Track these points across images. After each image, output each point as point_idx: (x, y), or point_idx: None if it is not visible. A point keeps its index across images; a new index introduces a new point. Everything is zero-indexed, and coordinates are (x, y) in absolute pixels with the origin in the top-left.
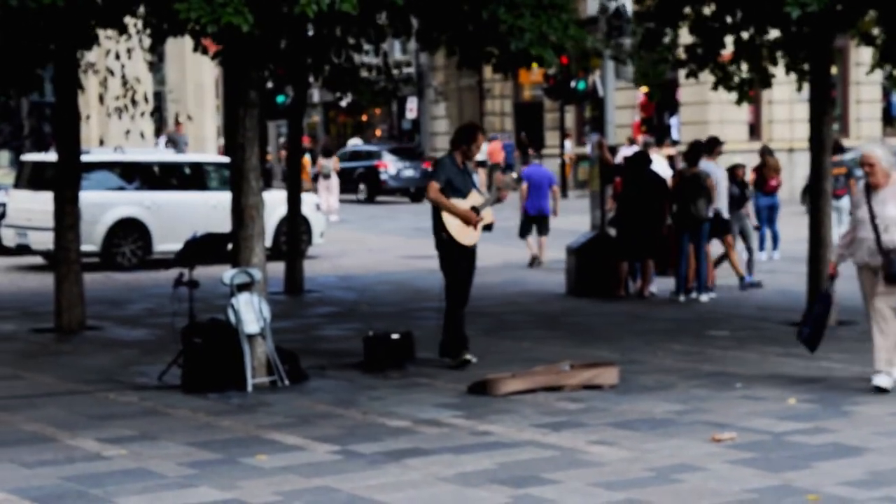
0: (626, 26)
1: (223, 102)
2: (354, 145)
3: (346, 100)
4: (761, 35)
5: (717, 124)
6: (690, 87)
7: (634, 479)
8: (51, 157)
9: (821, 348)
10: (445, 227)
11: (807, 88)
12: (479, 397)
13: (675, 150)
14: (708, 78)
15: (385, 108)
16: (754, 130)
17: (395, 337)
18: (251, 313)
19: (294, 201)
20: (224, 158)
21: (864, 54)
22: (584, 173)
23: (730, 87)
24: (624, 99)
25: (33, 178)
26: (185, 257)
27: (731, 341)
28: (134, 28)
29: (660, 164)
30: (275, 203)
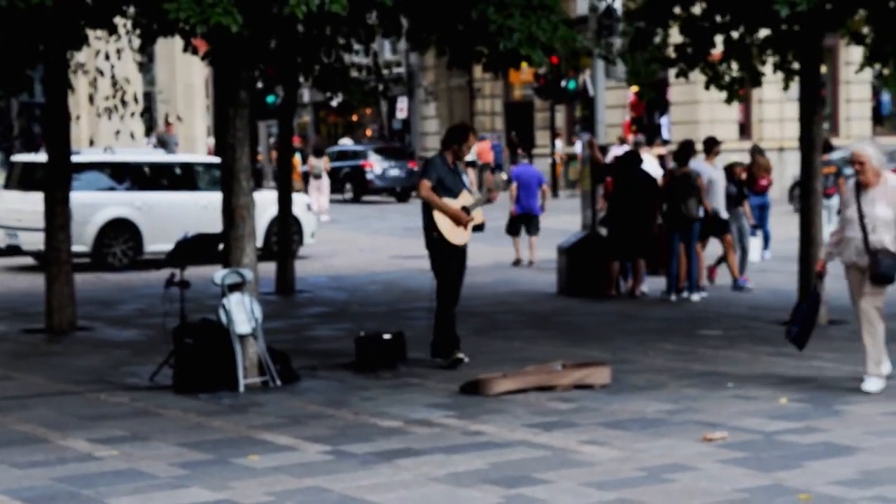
0: (615, 25)
1: (213, 103)
2: (343, 145)
3: (337, 100)
4: (751, 34)
5: (708, 124)
6: (680, 87)
7: (626, 478)
8: (41, 157)
9: (812, 348)
10: (436, 227)
11: (794, 87)
12: (470, 397)
13: (666, 149)
14: (698, 77)
15: (375, 108)
16: (744, 130)
17: (386, 337)
18: (242, 313)
19: (285, 201)
20: (214, 159)
21: (853, 53)
22: (574, 173)
23: (721, 86)
24: (614, 98)
25: (23, 179)
26: (177, 258)
27: (722, 341)
28: (123, 28)
29: (650, 163)
30: (266, 203)
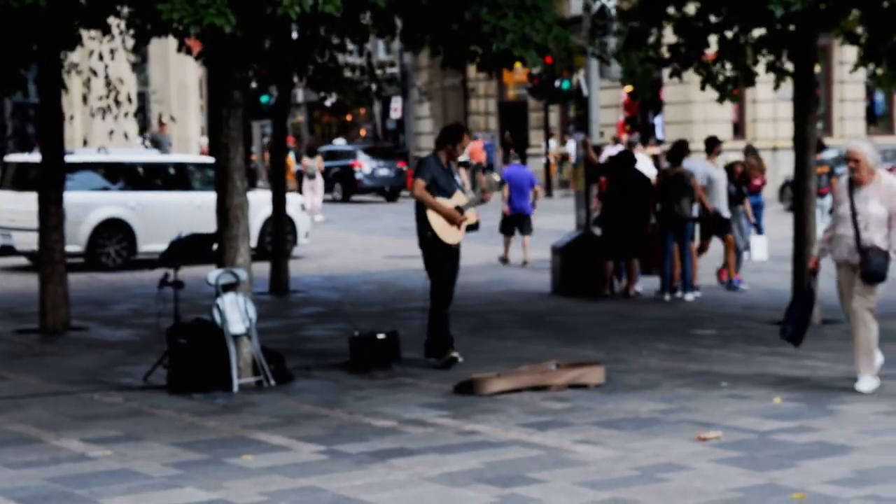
0: (609, 25)
1: (207, 103)
2: (334, 145)
3: (330, 100)
4: (745, 34)
5: (702, 123)
6: (674, 87)
7: (620, 478)
8: (35, 157)
9: (806, 347)
10: (430, 226)
11: (786, 87)
12: (464, 397)
13: (660, 149)
14: (692, 77)
15: (369, 109)
16: (738, 129)
17: (380, 337)
18: (236, 313)
19: (279, 201)
20: (208, 158)
21: (847, 53)
22: (566, 173)
23: (715, 86)
24: (608, 98)
25: (17, 179)
26: (170, 258)
27: (716, 340)
28: (117, 28)
29: (644, 163)
30: (259, 203)
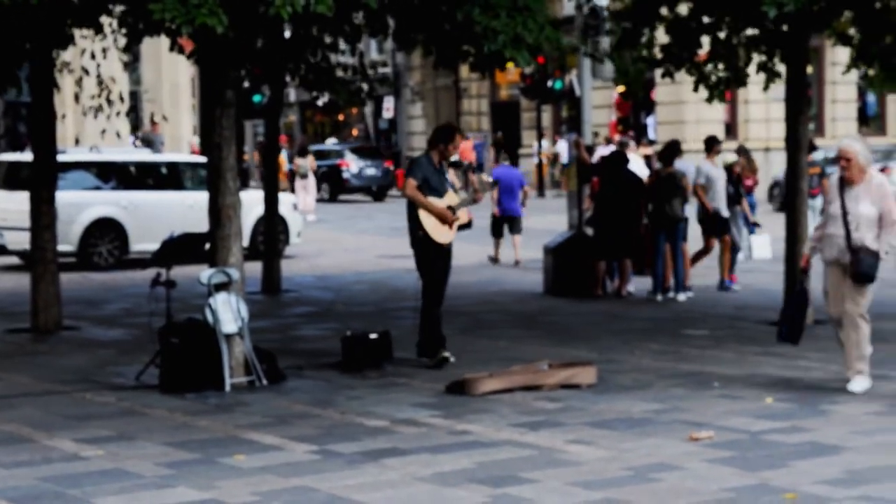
0: (602, 25)
1: (199, 102)
2: (323, 144)
3: (323, 99)
4: (737, 34)
5: (694, 124)
6: (666, 87)
7: (612, 478)
8: (26, 156)
9: (798, 347)
10: (421, 225)
11: (776, 88)
12: (456, 397)
13: (652, 149)
14: (684, 77)
15: (360, 108)
16: (730, 130)
17: (372, 337)
18: (229, 313)
19: (271, 201)
20: (199, 158)
21: (839, 54)
22: (557, 173)
23: (708, 86)
24: (601, 98)
25: (9, 178)
26: (163, 257)
27: (708, 340)
28: (109, 27)
29: (636, 163)
30: (252, 203)
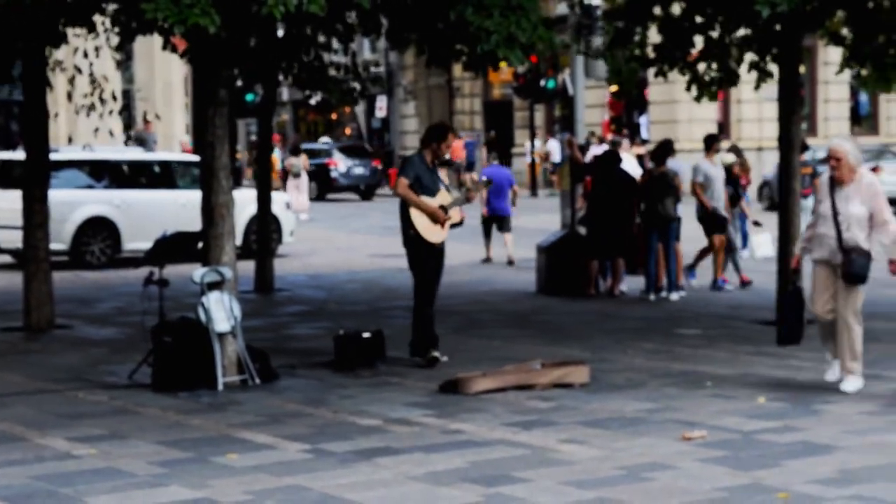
0: (595, 25)
1: (192, 101)
2: (321, 143)
3: (316, 98)
4: (729, 34)
5: (686, 123)
6: (659, 86)
7: (605, 477)
8: (19, 155)
9: (790, 347)
10: (413, 225)
11: (767, 87)
12: (449, 396)
13: (645, 148)
14: (677, 77)
15: (352, 108)
16: (723, 129)
17: (365, 336)
18: (221, 312)
19: (264, 200)
20: (191, 156)
21: (832, 53)
22: (548, 173)
23: (700, 85)
24: (593, 97)
25: (1, 177)
26: (156, 256)
27: (701, 340)
28: (102, 26)
29: (629, 162)
30: (245, 201)
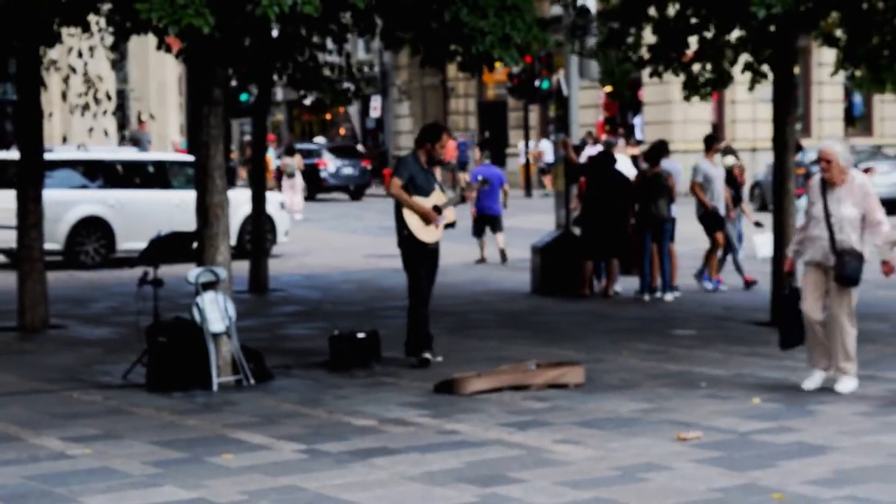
0: (590, 25)
1: (186, 100)
2: (316, 143)
3: (310, 98)
4: (724, 34)
5: (681, 124)
6: (654, 87)
7: (600, 477)
8: (13, 154)
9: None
10: (406, 225)
11: (762, 88)
12: (445, 396)
13: (639, 149)
14: (671, 77)
15: (347, 108)
16: (717, 130)
17: (360, 336)
18: (216, 312)
19: (259, 200)
20: (186, 156)
21: (826, 54)
22: (542, 178)
23: (695, 86)
24: (588, 98)
25: None
26: (150, 256)
27: (696, 340)
28: (96, 26)
29: (624, 163)
30: (239, 201)
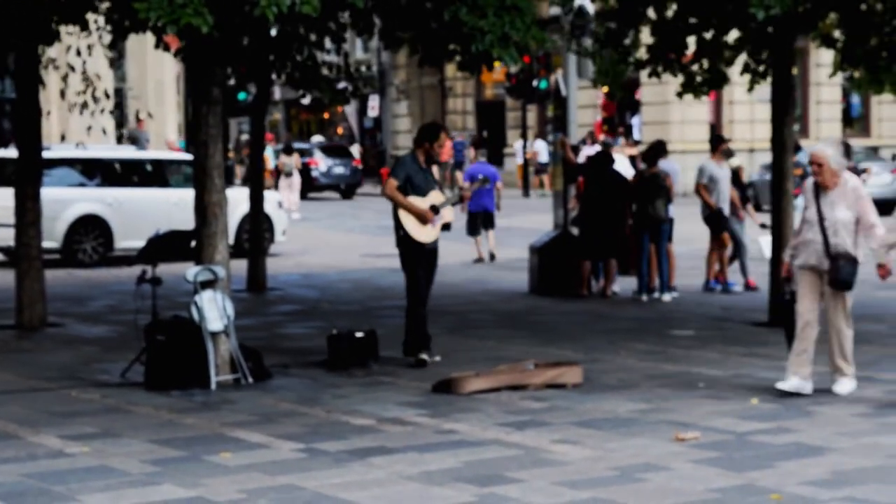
0: (588, 26)
1: (184, 99)
2: (314, 142)
3: (308, 97)
4: (722, 35)
5: (679, 124)
6: (651, 87)
7: (598, 478)
8: (11, 153)
9: (783, 348)
10: (402, 225)
11: (760, 89)
12: (443, 396)
13: (637, 149)
14: (669, 78)
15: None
16: (715, 131)
17: (358, 335)
18: (214, 311)
19: (256, 199)
20: (183, 155)
21: (824, 55)
22: (536, 179)
23: (694, 88)
24: (586, 98)
25: None
26: (148, 254)
27: (694, 341)
28: (95, 24)
29: (622, 163)
30: (237, 200)
